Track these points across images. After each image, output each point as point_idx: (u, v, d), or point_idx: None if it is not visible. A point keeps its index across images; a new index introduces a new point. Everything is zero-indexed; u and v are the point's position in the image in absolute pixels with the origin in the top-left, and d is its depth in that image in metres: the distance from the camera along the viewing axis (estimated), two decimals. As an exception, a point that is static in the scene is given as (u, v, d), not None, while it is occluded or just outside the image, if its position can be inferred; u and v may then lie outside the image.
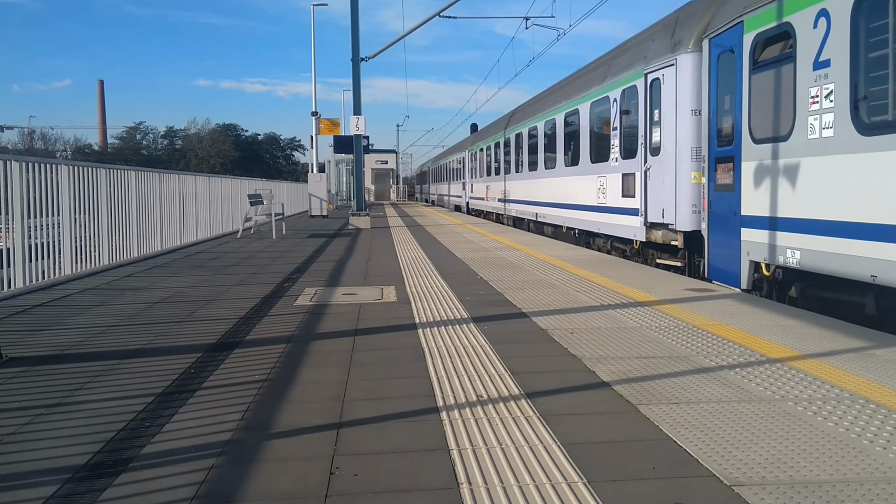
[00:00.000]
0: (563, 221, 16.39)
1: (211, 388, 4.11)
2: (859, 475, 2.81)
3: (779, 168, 7.29)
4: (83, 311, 6.80)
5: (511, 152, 23.06)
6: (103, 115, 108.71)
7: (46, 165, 8.75)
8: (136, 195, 11.83)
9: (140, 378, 4.35)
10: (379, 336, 5.58)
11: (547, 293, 7.47)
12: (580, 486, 2.73)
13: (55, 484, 2.78)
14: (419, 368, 4.50)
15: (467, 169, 35.37)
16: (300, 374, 4.42)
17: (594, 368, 4.43)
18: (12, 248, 7.81)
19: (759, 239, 7.67)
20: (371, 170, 56.53)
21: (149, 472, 2.89)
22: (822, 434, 3.26)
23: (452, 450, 3.11)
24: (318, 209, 28.02)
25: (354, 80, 20.17)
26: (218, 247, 14.41)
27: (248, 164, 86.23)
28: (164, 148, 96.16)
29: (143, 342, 5.37)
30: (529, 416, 3.56)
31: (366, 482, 2.80)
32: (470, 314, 6.33)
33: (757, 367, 4.42)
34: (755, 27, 7.77)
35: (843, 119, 6.24)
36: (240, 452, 3.11)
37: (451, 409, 3.67)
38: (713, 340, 5.17)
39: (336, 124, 32.81)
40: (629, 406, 3.70)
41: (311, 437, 3.31)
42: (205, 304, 7.08)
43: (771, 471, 2.85)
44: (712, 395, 3.85)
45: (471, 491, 2.70)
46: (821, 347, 4.91)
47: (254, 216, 18.35)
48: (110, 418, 3.55)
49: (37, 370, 4.57)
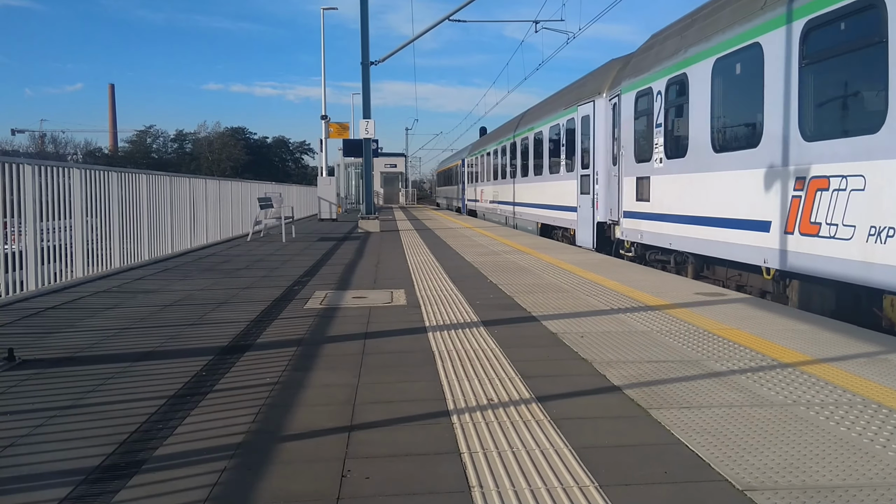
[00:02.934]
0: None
1: (222, 391, 4.12)
2: (872, 480, 2.79)
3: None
4: (95, 313, 6.84)
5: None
6: (114, 118, 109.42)
7: (59, 169, 8.81)
8: (147, 199, 11.90)
9: (152, 381, 4.37)
10: (389, 339, 5.58)
11: (557, 297, 7.46)
12: (591, 490, 2.73)
13: (69, 486, 2.80)
14: (430, 372, 4.50)
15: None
16: (311, 377, 4.43)
17: (605, 372, 4.42)
18: (25, 250, 7.87)
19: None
20: (380, 173, 56.60)
21: (161, 475, 2.91)
22: (834, 438, 3.24)
23: (463, 453, 3.11)
24: (327, 212, 28.07)
25: (364, 83, 20.21)
26: (228, 250, 14.47)
27: (257, 167, 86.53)
28: (175, 151, 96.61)
29: (155, 345, 5.40)
30: (540, 419, 3.56)
31: (377, 485, 2.80)
32: (480, 318, 6.33)
33: (769, 371, 4.41)
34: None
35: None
36: (251, 455, 3.12)
37: (461, 413, 3.67)
38: (724, 344, 5.15)
39: (345, 128, 32.84)
40: (640, 410, 3.69)
41: (323, 439, 3.32)
42: (216, 308, 7.11)
43: (783, 475, 2.83)
44: (724, 400, 3.83)
45: (482, 494, 2.70)
46: (832, 352, 4.88)
47: (263, 219, 18.41)
48: (123, 420, 3.57)
49: (50, 372, 4.60)
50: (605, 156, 14.52)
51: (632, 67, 13.06)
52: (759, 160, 8.30)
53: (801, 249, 7.40)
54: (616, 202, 13.62)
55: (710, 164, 9.60)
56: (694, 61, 10.09)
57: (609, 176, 14.24)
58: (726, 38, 9.15)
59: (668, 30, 12.10)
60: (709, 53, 9.63)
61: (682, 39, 10.78)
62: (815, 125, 7.39)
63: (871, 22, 6.42)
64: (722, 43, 9.27)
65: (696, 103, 10.03)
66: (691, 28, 10.67)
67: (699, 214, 9.93)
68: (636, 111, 12.49)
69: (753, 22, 8.44)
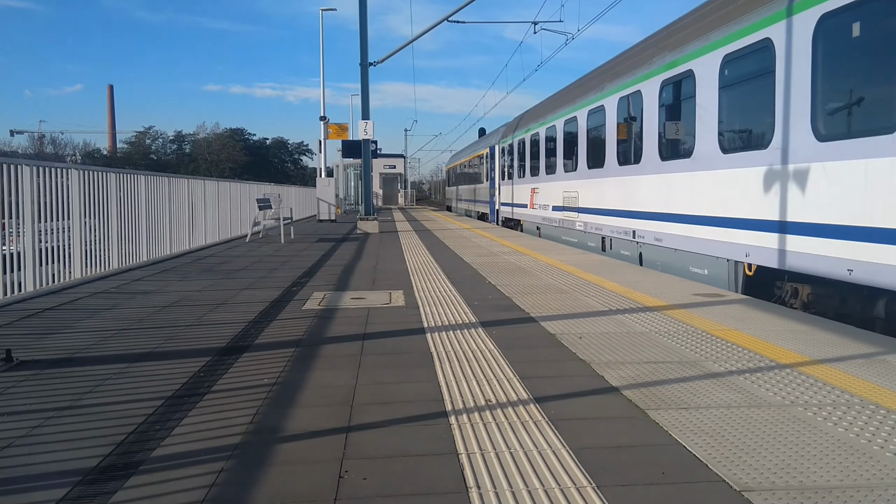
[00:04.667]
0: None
1: (220, 392, 4.12)
2: (869, 481, 2.79)
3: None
4: (93, 314, 6.83)
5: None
6: (113, 119, 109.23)
7: (57, 170, 8.81)
8: (146, 199, 11.89)
9: (150, 381, 4.37)
10: (387, 340, 5.58)
11: (555, 298, 7.46)
12: (589, 491, 2.73)
13: (66, 486, 2.80)
14: (428, 373, 4.50)
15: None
16: (309, 377, 4.42)
17: (603, 373, 4.42)
18: (23, 251, 7.86)
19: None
20: (379, 174, 56.59)
21: (159, 475, 2.91)
22: (831, 439, 3.24)
23: (461, 454, 3.11)
24: (326, 213, 28.07)
25: (363, 84, 20.21)
26: (227, 251, 14.46)
27: (256, 168, 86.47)
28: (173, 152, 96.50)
29: (153, 346, 5.39)
30: (538, 420, 3.56)
31: (375, 486, 2.80)
32: (478, 318, 6.33)
33: (766, 372, 4.41)
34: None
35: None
36: (249, 456, 3.12)
37: (459, 414, 3.67)
38: (722, 345, 5.15)
39: (344, 129, 32.80)
40: (638, 411, 3.69)
41: (321, 440, 3.32)
42: (214, 308, 7.11)
43: (781, 476, 2.84)
44: (722, 401, 3.83)
45: (480, 495, 2.70)
46: (830, 353, 4.89)
47: (262, 220, 18.39)
48: (120, 421, 3.57)
49: (47, 373, 4.59)
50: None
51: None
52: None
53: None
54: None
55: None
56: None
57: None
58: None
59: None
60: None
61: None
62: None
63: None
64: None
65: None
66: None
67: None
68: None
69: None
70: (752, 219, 8.44)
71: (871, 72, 6.71)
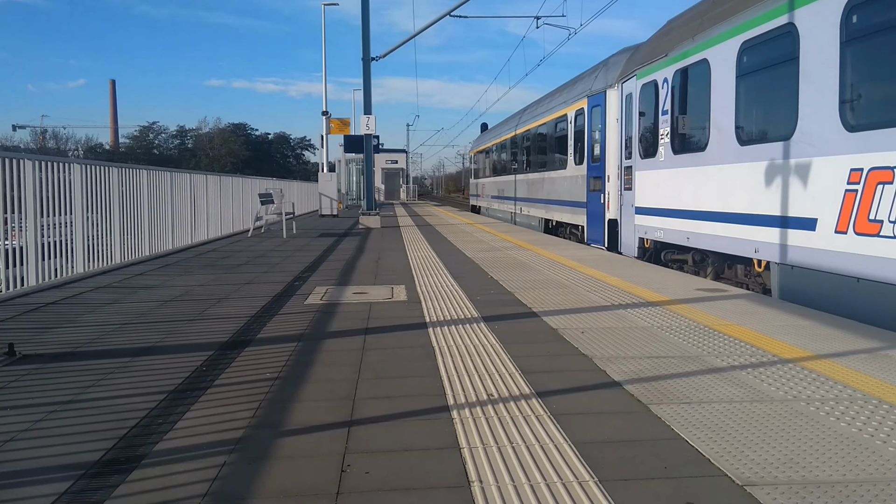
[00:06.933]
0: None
1: (222, 386, 4.12)
2: (872, 475, 2.79)
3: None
4: (95, 308, 6.84)
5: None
6: (115, 114, 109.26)
7: (59, 164, 8.81)
8: (148, 194, 11.90)
9: (152, 375, 4.37)
10: (389, 335, 5.58)
11: (557, 293, 7.46)
12: (591, 486, 2.73)
13: (68, 480, 2.80)
14: (430, 367, 4.50)
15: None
16: (311, 372, 4.43)
17: (605, 368, 4.42)
18: (26, 246, 7.87)
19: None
20: (381, 169, 56.60)
21: (161, 469, 2.91)
22: (834, 434, 3.24)
23: (463, 448, 3.11)
24: (328, 208, 28.08)
25: (365, 79, 20.20)
26: (229, 246, 14.47)
27: (258, 163, 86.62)
28: (176, 147, 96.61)
29: (155, 340, 5.40)
30: (540, 414, 3.55)
31: (377, 480, 2.80)
32: (480, 313, 6.33)
33: (769, 367, 4.40)
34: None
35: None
36: (251, 450, 3.12)
37: (461, 408, 3.67)
38: (725, 340, 5.14)
39: (346, 124, 32.85)
40: (640, 405, 3.69)
41: (323, 434, 3.32)
42: (216, 303, 7.12)
43: (783, 471, 2.83)
44: (724, 395, 3.83)
45: (482, 489, 2.70)
46: (833, 348, 4.88)
47: (264, 215, 18.41)
48: (123, 415, 3.58)
49: (50, 367, 4.60)
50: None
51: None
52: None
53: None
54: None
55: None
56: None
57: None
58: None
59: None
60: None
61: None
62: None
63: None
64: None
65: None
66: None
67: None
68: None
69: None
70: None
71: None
